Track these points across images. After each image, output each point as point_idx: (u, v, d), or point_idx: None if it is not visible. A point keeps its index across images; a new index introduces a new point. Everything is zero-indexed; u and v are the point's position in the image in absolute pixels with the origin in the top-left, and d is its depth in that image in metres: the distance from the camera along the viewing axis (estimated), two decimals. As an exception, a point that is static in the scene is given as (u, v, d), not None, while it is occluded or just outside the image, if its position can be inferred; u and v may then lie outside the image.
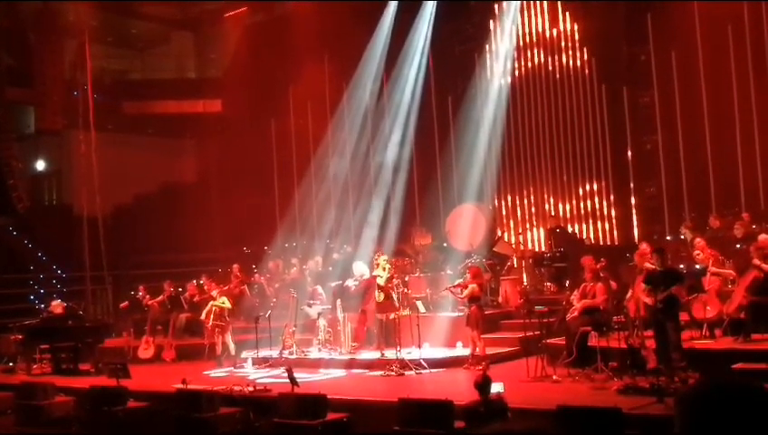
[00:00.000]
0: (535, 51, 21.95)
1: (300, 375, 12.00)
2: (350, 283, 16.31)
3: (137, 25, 29.64)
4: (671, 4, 19.36)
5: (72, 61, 26.75)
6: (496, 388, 9.33)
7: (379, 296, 15.19)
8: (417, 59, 22.51)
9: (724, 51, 18.57)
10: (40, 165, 28.68)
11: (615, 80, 20.66)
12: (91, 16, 24.90)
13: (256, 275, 20.59)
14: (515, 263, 20.03)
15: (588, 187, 20.97)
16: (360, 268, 16.42)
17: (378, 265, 15.70)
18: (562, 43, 21.47)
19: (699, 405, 2.54)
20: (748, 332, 12.01)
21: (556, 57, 21.58)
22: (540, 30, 21.83)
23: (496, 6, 22.25)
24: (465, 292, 14.13)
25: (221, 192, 24.58)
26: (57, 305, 17.65)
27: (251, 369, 15.36)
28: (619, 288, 13.43)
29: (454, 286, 14.80)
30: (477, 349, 13.83)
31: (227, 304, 16.77)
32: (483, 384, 8.92)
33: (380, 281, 15.26)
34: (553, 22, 21.63)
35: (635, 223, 20.34)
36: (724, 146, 18.64)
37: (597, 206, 20.86)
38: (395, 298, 15.13)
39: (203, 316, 16.85)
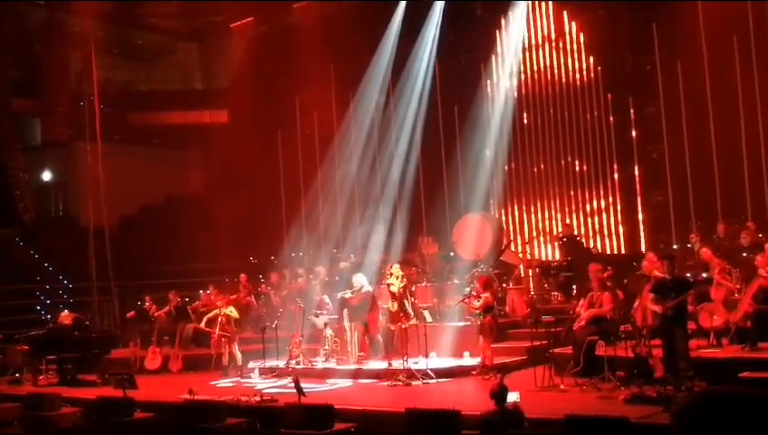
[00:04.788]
0: (541, 60, 21.99)
1: (307, 385, 11.98)
2: (347, 294, 16.17)
3: (143, 37, 29.80)
4: (676, 14, 19.37)
5: (78, 72, 26.88)
6: (512, 397, 9.26)
7: (393, 306, 15.03)
8: (423, 68, 22.54)
9: (730, 60, 18.57)
10: (46, 176, 28.76)
11: (621, 90, 20.68)
12: (96, 28, 24.99)
13: (263, 285, 20.59)
14: (522, 272, 19.99)
15: (595, 203, 20.95)
16: (360, 280, 16.18)
17: (391, 274, 15.43)
18: (568, 54, 21.50)
19: (695, 418, 2.54)
20: (754, 340, 12.00)
21: (562, 67, 21.62)
22: (545, 40, 21.87)
23: (502, 16, 22.29)
24: (480, 302, 14.05)
25: (227, 202, 24.54)
26: (66, 316, 17.61)
27: (258, 379, 15.31)
28: (625, 298, 13.41)
29: (468, 297, 14.54)
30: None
31: (234, 314, 16.78)
32: (499, 393, 8.84)
33: (394, 289, 15.01)
34: (559, 32, 21.67)
35: (642, 235, 20.32)
36: (729, 155, 18.66)
37: (605, 222, 20.84)
38: (408, 307, 14.99)
39: (202, 324, 16.95)
